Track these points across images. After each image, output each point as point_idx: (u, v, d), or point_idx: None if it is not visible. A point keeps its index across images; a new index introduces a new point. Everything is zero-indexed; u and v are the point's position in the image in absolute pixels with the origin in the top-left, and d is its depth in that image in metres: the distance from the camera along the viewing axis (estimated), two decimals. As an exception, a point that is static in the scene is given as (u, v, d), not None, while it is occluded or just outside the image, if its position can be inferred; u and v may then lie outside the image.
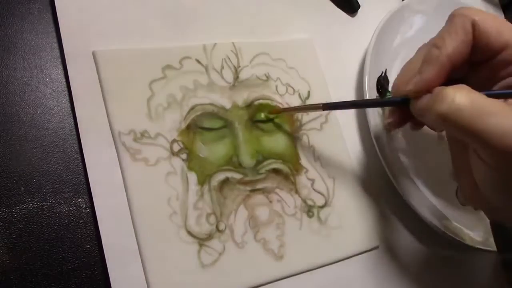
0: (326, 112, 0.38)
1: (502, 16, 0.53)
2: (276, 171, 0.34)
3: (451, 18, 0.27)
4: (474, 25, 0.26)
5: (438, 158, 0.40)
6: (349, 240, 0.34)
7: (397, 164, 0.37)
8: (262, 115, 0.35)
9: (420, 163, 0.40)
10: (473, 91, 0.24)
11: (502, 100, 0.24)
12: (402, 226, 0.38)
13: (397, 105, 0.31)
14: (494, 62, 0.27)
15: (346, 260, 0.34)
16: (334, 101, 0.38)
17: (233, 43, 0.36)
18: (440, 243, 0.38)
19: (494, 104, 0.23)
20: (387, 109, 0.36)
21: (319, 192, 0.35)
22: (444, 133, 0.35)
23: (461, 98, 0.23)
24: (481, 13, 0.26)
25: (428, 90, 0.26)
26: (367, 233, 0.35)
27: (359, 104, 0.37)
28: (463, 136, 0.24)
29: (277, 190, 0.33)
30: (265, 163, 0.33)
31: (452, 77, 0.27)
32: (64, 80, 0.31)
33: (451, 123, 0.23)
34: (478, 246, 0.37)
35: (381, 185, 0.38)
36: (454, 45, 0.26)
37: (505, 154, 0.22)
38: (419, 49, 0.30)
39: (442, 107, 0.23)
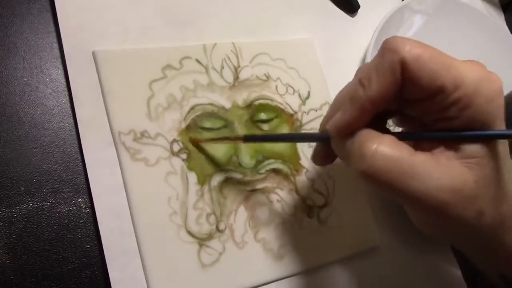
0: (326, 112, 0.37)
1: (502, 15, 0.53)
2: (276, 171, 0.34)
3: (382, 50, 0.23)
4: (403, 66, 0.22)
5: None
6: (349, 240, 0.34)
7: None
8: (262, 115, 0.35)
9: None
10: (396, 145, 0.22)
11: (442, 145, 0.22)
12: (402, 226, 0.38)
13: (318, 141, 0.28)
14: (429, 103, 0.22)
15: (346, 260, 0.34)
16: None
17: (233, 43, 0.36)
18: (440, 243, 0.38)
19: (416, 162, 0.21)
20: None
21: (319, 192, 0.35)
22: None
23: (381, 158, 0.21)
24: (415, 48, 0.22)
25: (348, 130, 0.24)
26: (367, 233, 0.35)
27: (283, 138, 0.34)
28: (386, 193, 0.23)
29: (277, 190, 0.33)
30: (265, 163, 0.33)
31: (386, 108, 0.24)
32: (64, 80, 0.31)
33: (371, 182, 0.22)
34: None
35: (381, 185, 0.38)
36: (379, 87, 0.22)
37: (429, 211, 0.22)
38: (358, 70, 0.26)
39: (361, 165, 0.22)
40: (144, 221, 0.28)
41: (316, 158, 0.29)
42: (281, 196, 0.33)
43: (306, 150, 0.35)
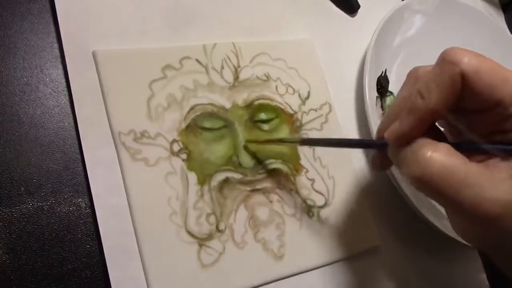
0: (326, 112, 0.38)
1: (502, 15, 0.53)
2: (276, 171, 0.34)
3: (441, 61, 0.23)
4: (463, 78, 0.22)
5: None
6: (349, 240, 0.34)
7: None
8: (262, 115, 0.35)
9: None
10: (451, 153, 0.22)
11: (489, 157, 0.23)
12: (402, 226, 0.38)
13: (376, 148, 0.29)
14: (486, 115, 0.23)
15: (346, 260, 0.34)
16: (335, 103, 0.38)
17: (233, 43, 0.36)
18: (440, 243, 0.38)
19: (470, 172, 0.22)
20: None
21: (319, 192, 0.35)
22: None
23: (435, 164, 0.22)
24: (474, 60, 0.22)
25: (405, 139, 0.24)
26: (367, 233, 0.35)
27: (339, 143, 0.35)
28: (436, 200, 0.23)
29: (277, 190, 0.33)
30: (265, 163, 0.33)
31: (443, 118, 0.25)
32: (64, 80, 0.31)
33: (424, 188, 0.22)
34: (478, 246, 0.37)
35: (381, 185, 0.38)
36: (439, 99, 0.22)
37: (476, 220, 0.22)
38: (410, 73, 0.26)
39: (415, 171, 0.22)
40: (144, 221, 0.28)
41: (374, 164, 0.29)
42: (281, 196, 0.33)
43: (306, 150, 0.35)
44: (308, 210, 0.34)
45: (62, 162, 0.29)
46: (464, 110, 0.24)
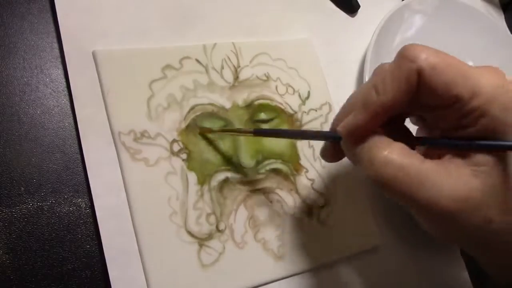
0: (326, 112, 0.38)
1: (502, 15, 0.53)
2: (276, 171, 0.34)
3: (399, 58, 0.22)
4: (419, 74, 0.22)
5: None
6: (349, 240, 0.34)
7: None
8: (262, 115, 0.35)
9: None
10: (406, 152, 0.22)
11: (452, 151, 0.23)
12: (402, 226, 0.38)
13: (329, 140, 0.28)
14: (445, 111, 0.23)
15: (346, 260, 0.34)
16: (335, 103, 0.38)
17: (233, 43, 0.36)
18: (440, 243, 0.38)
19: (425, 171, 0.22)
20: None
21: (319, 192, 0.35)
22: None
23: (390, 165, 0.22)
24: (432, 57, 0.22)
25: (358, 133, 0.24)
26: (367, 233, 0.35)
27: (293, 134, 0.34)
28: (394, 199, 0.23)
29: (277, 190, 0.33)
30: (265, 163, 0.33)
31: (401, 112, 0.24)
32: (64, 80, 0.31)
33: (381, 188, 0.23)
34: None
35: (381, 185, 0.38)
36: (392, 94, 0.22)
37: (436, 218, 0.22)
38: (375, 69, 0.26)
39: (371, 171, 0.23)
40: (144, 221, 0.28)
41: (325, 154, 0.29)
42: (281, 196, 0.33)
43: (306, 150, 0.35)
44: (308, 210, 0.34)
45: (62, 162, 0.29)
46: (423, 106, 0.23)
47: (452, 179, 0.22)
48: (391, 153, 0.22)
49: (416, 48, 0.22)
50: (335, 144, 0.27)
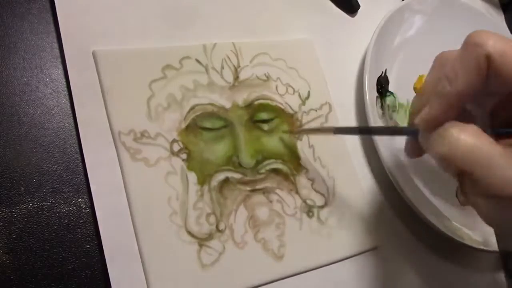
0: (326, 112, 0.38)
1: (502, 15, 0.53)
2: (276, 171, 0.34)
3: (466, 45, 0.23)
4: (489, 60, 0.22)
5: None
6: (349, 240, 0.34)
7: (397, 164, 0.37)
8: (262, 115, 0.35)
9: (420, 163, 0.40)
10: (479, 133, 0.23)
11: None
12: (402, 226, 0.38)
13: (408, 135, 0.29)
14: (510, 99, 0.23)
15: (346, 260, 0.34)
16: (335, 103, 0.38)
17: (233, 43, 0.36)
18: (440, 243, 0.38)
19: (495, 153, 0.22)
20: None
21: (319, 192, 0.35)
22: None
23: (461, 143, 0.22)
24: (499, 43, 0.22)
25: (436, 124, 0.24)
26: (367, 233, 0.35)
27: (370, 131, 0.36)
28: (460, 180, 0.24)
29: (277, 190, 0.33)
30: (265, 163, 0.33)
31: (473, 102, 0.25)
32: (64, 80, 0.31)
33: (451, 165, 0.23)
34: (478, 246, 0.37)
35: (381, 185, 0.38)
36: (465, 82, 0.23)
37: (501, 201, 0.23)
38: (437, 58, 0.27)
39: (442, 149, 0.23)
40: (144, 221, 0.28)
41: (409, 151, 0.30)
42: (281, 196, 0.33)
43: (306, 150, 0.35)
44: (308, 210, 0.34)
45: (62, 162, 0.29)
46: (493, 93, 0.24)
47: None
48: (463, 132, 0.22)
49: (482, 35, 0.22)
50: (415, 139, 0.27)
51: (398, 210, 0.38)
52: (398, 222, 0.38)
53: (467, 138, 0.22)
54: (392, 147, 0.38)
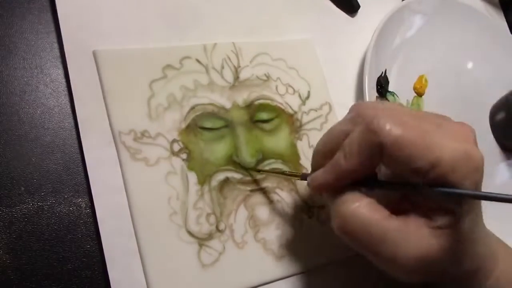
0: (326, 112, 0.38)
1: (502, 15, 0.53)
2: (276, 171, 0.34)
3: (364, 128, 0.24)
4: (383, 147, 0.23)
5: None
6: (349, 240, 0.34)
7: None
8: (263, 115, 0.35)
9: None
10: (373, 208, 0.24)
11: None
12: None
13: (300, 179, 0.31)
14: (406, 175, 0.24)
15: (346, 260, 0.34)
16: (335, 103, 0.38)
17: (233, 43, 0.36)
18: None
19: (388, 228, 0.23)
20: None
21: (319, 192, 0.35)
22: None
23: (356, 219, 0.24)
24: (396, 131, 0.23)
25: (327, 189, 0.26)
26: (367, 233, 0.35)
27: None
28: (358, 251, 0.25)
29: (277, 190, 0.33)
30: (265, 163, 0.33)
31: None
32: (64, 80, 0.31)
33: (346, 240, 0.25)
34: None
35: (381, 185, 0.38)
36: (358, 162, 0.24)
37: (396, 273, 0.24)
38: (351, 109, 0.27)
39: (338, 223, 0.25)
40: (144, 221, 0.28)
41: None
42: (281, 196, 0.33)
43: (306, 150, 0.35)
44: (308, 210, 0.34)
45: (62, 162, 0.29)
46: (391, 170, 0.25)
47: (412, 239, 0.23)
48: (359, 208, 0.24)
49: (380, 122, 0.23)
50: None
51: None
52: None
53: (362, 213, 0.24)
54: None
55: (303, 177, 0.30)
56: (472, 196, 0.23)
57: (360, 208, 0.24)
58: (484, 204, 0.25)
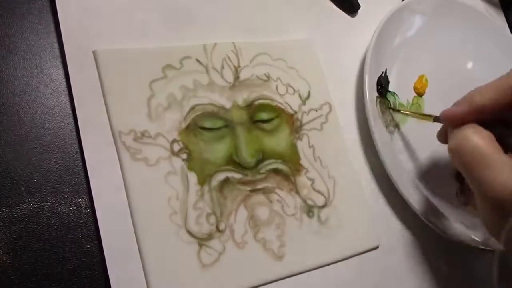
0: (326, 112, 0.38)
1: (502, 15, 0.53)
2: (276, 171, 0.34)
3: (506, 75, 0.28)
4: None
5: (438, 158, 0.40)
6: (349, 240, 0.34)
7: (397, 164, 0.37)
8: (263, 115, 0.35)
9: (420, 163, 0.40)
10: (489, 139, 0.26)
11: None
12: (402, 226, 0.38)
13: (432, 121, 0.34)
14: None
15: (346, 260, 0.34)
16: (335, 103, 0.38)
17: (233, 43, 0.36)
18: (440, 243, 0.38)
19: (496, 157, 0.25)
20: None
21: (319, 192, 0.35)
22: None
23: (470, 142, 0.26)
24: None
25: (457, 122, 0.28)
26: (367, 233, 0.35)
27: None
28: (463, 173, 0.27)
29: (277, 190, 0.33)
30: (265, 163, 0.33)
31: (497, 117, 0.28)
32: (64, 80, 0.31)
33: (454, 159, 0.27)
34: (478, 246, 0.37)
35: (381, 185, 0.38)
36: (489, 103, 0.27)
37: (490, 202, 0.25)
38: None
39: (453, 143, 0.27)
40: (144, 221, 0.28)
41: (439, 136, 0.34)
42: (281, 196, 0.33)
43: (306, 150, 0.35)
44: (308, 210, 0.34)
45: (62, 162, 0.29)
46: None
47: None
48: (476, 134, 0.27)
49: None
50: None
51: (398, 210, 0.38)
52: (398, 222, 0.38)
53: (476, 139, 0.26)
54: (392, 147, 0.38)
55: (436, 119, 0.33)
56: None
57: (477, 134, 0.26)
58: None
